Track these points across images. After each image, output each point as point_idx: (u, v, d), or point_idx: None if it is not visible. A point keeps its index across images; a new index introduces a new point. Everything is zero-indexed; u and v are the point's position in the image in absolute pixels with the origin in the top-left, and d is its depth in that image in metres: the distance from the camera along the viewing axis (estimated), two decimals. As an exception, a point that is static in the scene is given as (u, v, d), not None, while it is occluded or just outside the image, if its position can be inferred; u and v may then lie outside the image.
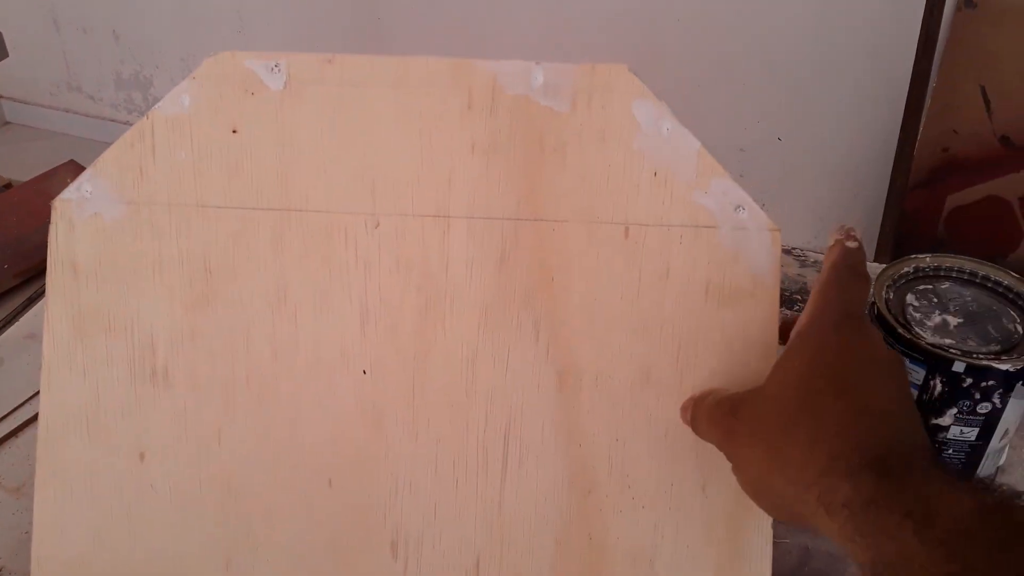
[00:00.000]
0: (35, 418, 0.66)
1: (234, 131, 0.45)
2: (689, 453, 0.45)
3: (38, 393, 0.67)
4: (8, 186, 1.03)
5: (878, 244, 1.74)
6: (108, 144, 0.47)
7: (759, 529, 0.45)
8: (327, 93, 0.45)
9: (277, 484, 0.46)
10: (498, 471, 0.46)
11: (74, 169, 1.04)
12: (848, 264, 0.41)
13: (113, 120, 2.38)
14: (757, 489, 0.39)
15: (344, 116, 0.45)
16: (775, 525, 0.46)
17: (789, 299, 0.74)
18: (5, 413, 0.66)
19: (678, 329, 0.44)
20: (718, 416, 0.41)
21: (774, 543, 0.46)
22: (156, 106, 0.45)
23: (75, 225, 0.46)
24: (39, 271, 0.90)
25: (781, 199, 1.89)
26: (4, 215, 0.97)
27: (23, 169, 1.08)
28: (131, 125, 0.46)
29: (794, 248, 0.80)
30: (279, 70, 0.45)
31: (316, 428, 0.46)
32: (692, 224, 0.44)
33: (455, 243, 0.45)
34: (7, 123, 2.62)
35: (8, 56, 1.39)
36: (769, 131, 1.90)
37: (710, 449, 0.43)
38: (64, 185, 1.01)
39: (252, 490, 0.46)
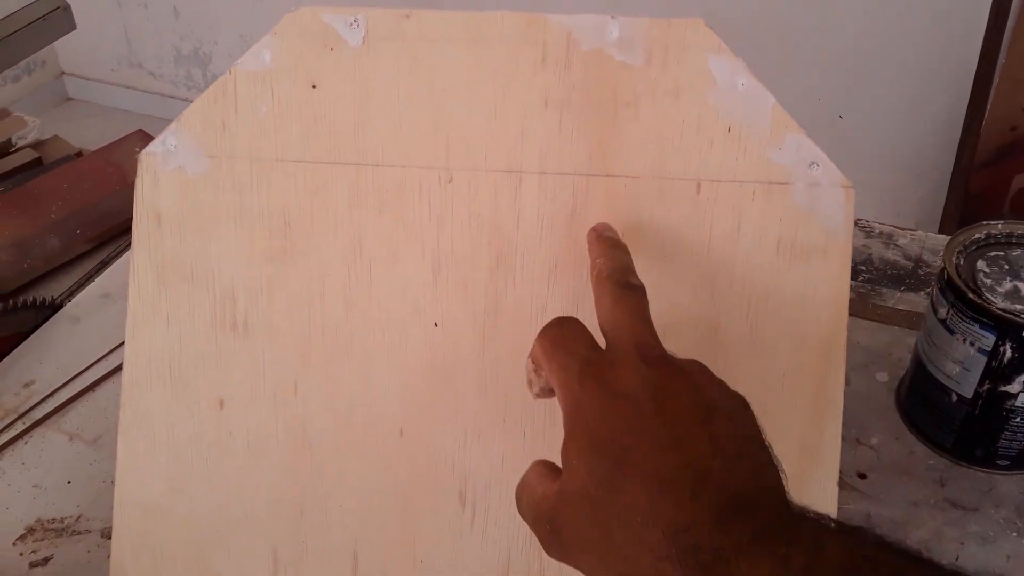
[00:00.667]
0: (111, 374, 0.69)
1: (313, 86, 0.46)
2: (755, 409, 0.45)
3: (114, 350, 0.70)
4: (79, 155, 1.06)
5: (941, 224, 1.71)
6: (167, 120, 0.48)
7: (825, 493, 0.45)
8: (403, 48, 0.46)
9: (349, 434, 0.47)
10: (566, 424, 0.46)
11: (142, 138, 1.07)
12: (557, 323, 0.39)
13: (172, 96, 2.44)
14: None
15: (420, 71, 0.46)
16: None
17: (854, 270, 0.74)
18: (83, 368, 0.69)
19: (748, 286, 0.45)
20: (539, 527, 0.37)
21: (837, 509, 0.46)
22: (238, 61, 0.46)
23: (159, 178, 0.47)
24: (110, 236, 0.93)
25: (840, 178, 1.86)
26: (76, 182, 1.00)
27: (84, 144, 1.11)
28: (190, 102, 0.47)
29: (860, 219, 0.79)
30: (357, 25, 0.46)
31: (388, 379, 0.47)
32: (765, 180, 0.44)
33: (527, 198, 0.46)
34: (69, 99, 2.68)
35: (76, 28, 1.42)
36: (830, 108, 1.87)
37: (776, 406, 0.44)
38: (133, 154, 1.04)
39: (326, 439, 0.48)
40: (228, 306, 0.47)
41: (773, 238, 0.44)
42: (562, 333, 0.38)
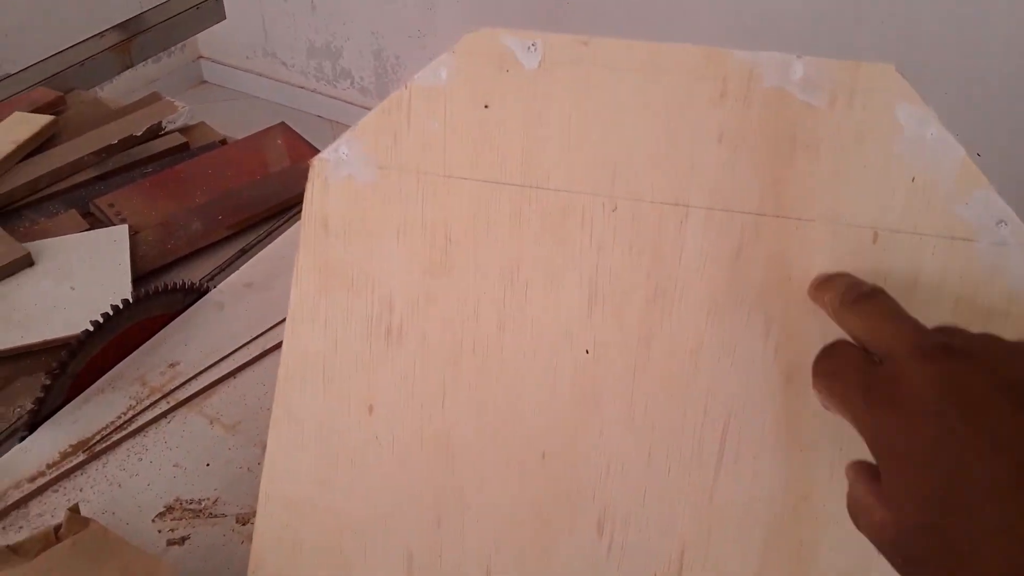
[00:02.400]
0: (252, 362, 0.71)
1: (486, 106, 0.47)
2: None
3: (255, 338, 0.72)
4: (223, 142, 1.11)
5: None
6: (294, 109, 0.49)
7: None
8: (579, 74, 0.46)
9: (492, 451, 0.48)
10: (712, 464, 0.46)
11: (284, 131, 1.10)
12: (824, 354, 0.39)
13: (302, 87, 2.51)
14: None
15: (593, 98, 0.46)
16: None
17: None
18: (225, 354, 0.71)
19: (920, 342, 0.43)
20: (891, 557, 0.34)
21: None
22: (415, 76, 0.47)
23: (329, 184, 0.48)
24: (250, 224, 0.97)
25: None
26: (220, 169, 1.04)
27: (216, 126, 1.15)
28: (317, 93, 0.48)
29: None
30: (535, 49, 0.46)
31: (534, 402, 0.47)
32: (947, 235, 0.42)
33: (691, 233, 0.45)
34: (204, 82, 2.80)
35: (225, 18, 1.48)
36: (966, 144, 1.79)
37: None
38: (275, 145, 1.07)
39: (468, 454, 0.48)
40: (384, 314, 0.48)
41: (951, 296, 0.43)
42: (832, 364, 0.38)
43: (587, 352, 0.47)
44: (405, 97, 0.47)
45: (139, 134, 1.08)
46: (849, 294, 0.39)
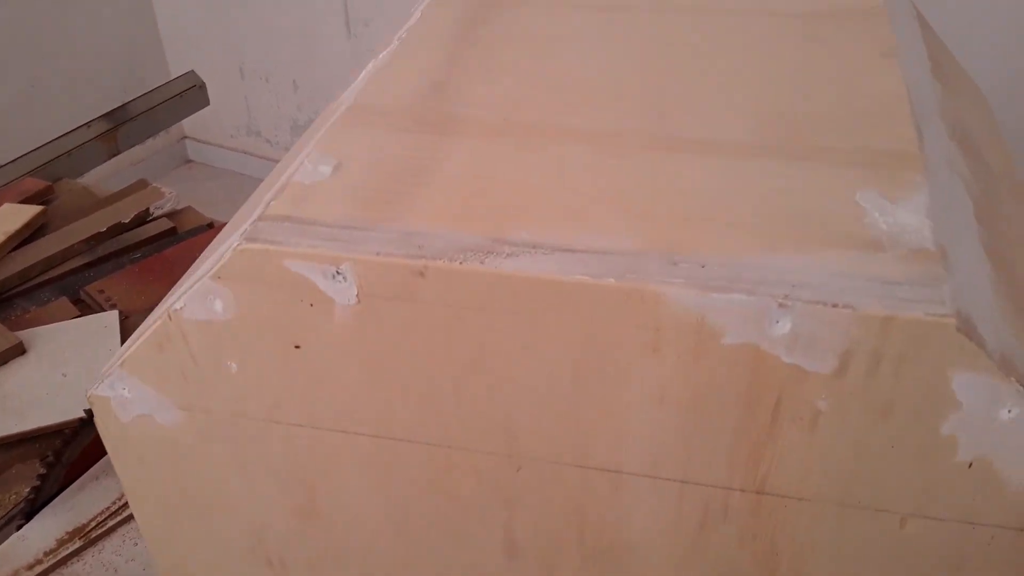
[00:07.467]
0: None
1: (296, 346, 0.20)
2: None
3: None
4: (211, 225, 0.78)
5: None
6: None
7: None
8: (428, 313, 0.20)
9: None
10: None
11: (251, 214, 0.79)
12: None
13: (288, 151, 2.04)
14: None
15: (458, 341, 0.20)
16: None
17: None
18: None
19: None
20: None
21: None
22: (173, 307, 0.21)
23: (128, 429, 0.22)
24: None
25: None
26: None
27: (202, 205, 0.82)
28: None
29: None
30: (343, 278, 0.20)
31: None
32: (1016, 527, 0.19)
33: (625, 502, 0.21)
34: (189, 160, 2.14)
35: (209, 104, 1.11)
36: None
37: None
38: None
39: None
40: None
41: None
42: None
43: None
44: (175, 332, 0.20)
45: (127, 221, 0.76)
46: None
